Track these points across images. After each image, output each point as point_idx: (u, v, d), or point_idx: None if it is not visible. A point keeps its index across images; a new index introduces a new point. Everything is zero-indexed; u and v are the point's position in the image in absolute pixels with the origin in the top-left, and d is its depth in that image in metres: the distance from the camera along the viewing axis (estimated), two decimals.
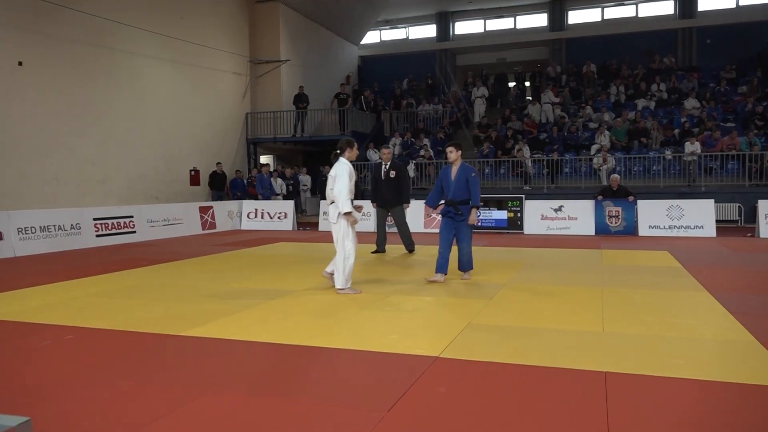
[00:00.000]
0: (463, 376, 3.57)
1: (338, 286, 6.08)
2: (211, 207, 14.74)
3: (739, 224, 13.88)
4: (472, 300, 5.74)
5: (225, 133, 18.75)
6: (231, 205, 15.58)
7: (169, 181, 16.42)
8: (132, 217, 12.28)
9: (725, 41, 21.39)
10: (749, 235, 11.97)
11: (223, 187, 17.14)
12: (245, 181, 17.42)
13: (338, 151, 6.11)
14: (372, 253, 9.50)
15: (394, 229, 9.84)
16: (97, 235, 11.39)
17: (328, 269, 6.31)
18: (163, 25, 15.90)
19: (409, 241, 9.54)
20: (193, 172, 17.29)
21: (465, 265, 6.88)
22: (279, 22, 19.70)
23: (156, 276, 7.54)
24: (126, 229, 12.05)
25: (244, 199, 16.16)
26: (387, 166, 9.38)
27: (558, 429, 2.80)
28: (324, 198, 15.53)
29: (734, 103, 18.17)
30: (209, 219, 14.39)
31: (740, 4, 22.14)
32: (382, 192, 9.42)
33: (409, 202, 9.67)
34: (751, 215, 13.04)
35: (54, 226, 10.60)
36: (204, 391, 3.33)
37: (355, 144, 6.29)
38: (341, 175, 5.90)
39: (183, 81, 17.00)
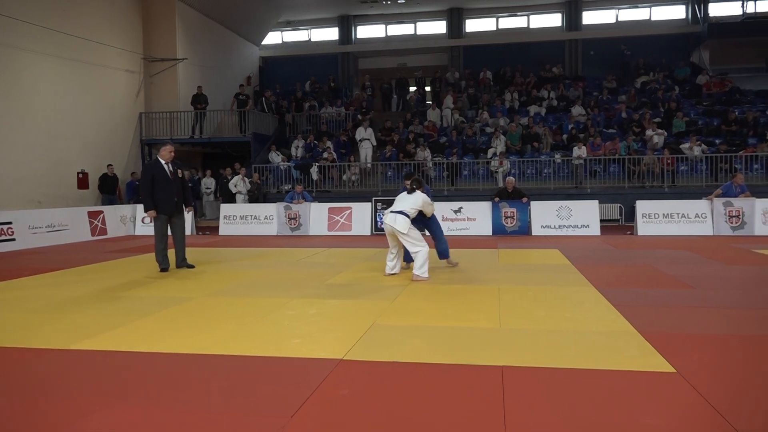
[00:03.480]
0: (366, 377, 3.60)
1: (420, 272, 7.00)
2: (102, 212, 13.87)
3: (620, 223, 14.97)
4: (375, 302, 5.79)
5: (116, 134, 17.71)
6: (124, 209, 14.76)
7: (53, 184, 15.28)
8: (10, 223, 11.30)
9: (606, 53, 23.19)
10: (629, 233, 12.91)
11: (114, 190, 16.18)
12: (136, 183, 16.52)
13: (414, 186, 7.36)
14: (161, 271, 7.93)
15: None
16: None
17: (405, 266, 7.63)
18: (46, 18, 14.79)
19: (183, 255, 8.26)
20: (81, 175, 16.21)
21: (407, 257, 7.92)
22: (175, 18, 18.93)
23: (39, 286, 6.99)
24: (3, 237, 11.08)
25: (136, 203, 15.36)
26: (171, 166, 7.95)
27: (458, 423, 2.89)
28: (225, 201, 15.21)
29: (615, 111, 19.60)
30: (99, 224, 13.55)
31: (619, 19, 24.11)
32: (168, 196, 7.91)
33: (193, 206, 8.86)
34: (630, 214, 14.10)
35: None
36: (96, 407, 3.13)
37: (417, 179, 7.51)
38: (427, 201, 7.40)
39: (69, 77, 15.90)
